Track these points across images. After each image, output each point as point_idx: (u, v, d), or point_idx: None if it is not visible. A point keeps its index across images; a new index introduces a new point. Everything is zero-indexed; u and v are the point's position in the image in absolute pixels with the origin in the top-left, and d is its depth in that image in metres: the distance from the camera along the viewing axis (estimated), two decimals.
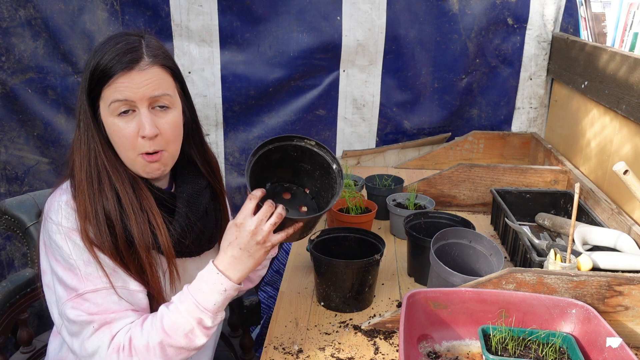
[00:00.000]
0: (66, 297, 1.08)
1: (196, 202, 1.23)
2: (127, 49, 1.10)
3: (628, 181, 1.37)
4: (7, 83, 2.15)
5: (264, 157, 1.21)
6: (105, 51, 1.09)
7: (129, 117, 1.11)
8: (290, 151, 1.27)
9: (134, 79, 1.09)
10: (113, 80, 1.08)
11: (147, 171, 1.16)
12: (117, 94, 1.09)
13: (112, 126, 1.11)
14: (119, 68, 1.08)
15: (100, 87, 1.09)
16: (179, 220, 1.18)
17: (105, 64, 1.08)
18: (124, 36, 1.12)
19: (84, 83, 1.11)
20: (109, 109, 1.10)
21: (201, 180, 1.27)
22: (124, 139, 1.11)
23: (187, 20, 2.23)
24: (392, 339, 1.32)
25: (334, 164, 1.24)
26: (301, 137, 1.26)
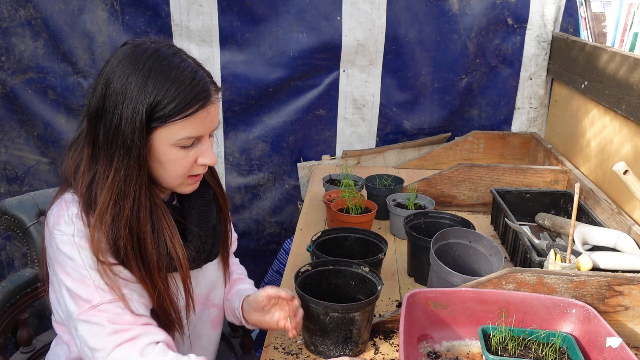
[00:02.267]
0: (79, 311, 1.03)
1: (206, 218, 1.21)
2: (199, 80, 1.06)
3: (628, 181, 1.37)
4: (7, 83, 2.15)
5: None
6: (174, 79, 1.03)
7: (189, 147, 1.09)
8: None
9: (210, 114, 1.09)
10: (191, 116, 1.05)
11: (185, 190, 1.16)
12: (192, 130, 1.06)
13: (170, 155, 1.07)
14: (198, 105, 1.05)
15: (165, 121, 1.03)
16: (192, 242, 1.16)
17: (179, 98, 1.03)
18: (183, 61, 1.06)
19: (138, 116, 1.01)
20: (176, 141, 1.06)
21: (208, 193, 1.25)
22: (182, 167, 1.10)
23: (187, 20, 2.23)
24: (392, 339, 1.32)
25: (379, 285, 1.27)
26: (358, 264, 1.33)
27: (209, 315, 1.34)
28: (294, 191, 2.58)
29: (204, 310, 1.31)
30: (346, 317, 1.18)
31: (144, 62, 1.03)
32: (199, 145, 1.11)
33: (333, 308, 1.17)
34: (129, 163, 1.03)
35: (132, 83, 1.01)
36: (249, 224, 2.59)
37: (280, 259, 2.41)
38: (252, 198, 2.56)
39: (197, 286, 1.24)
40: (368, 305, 1.20)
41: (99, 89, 1.04)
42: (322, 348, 1.22)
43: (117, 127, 1.02)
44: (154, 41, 1.09)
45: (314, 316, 1.20)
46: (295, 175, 2.56)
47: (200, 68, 1.09)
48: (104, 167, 1.05)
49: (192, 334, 1.28)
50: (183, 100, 1.03)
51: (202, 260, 1.20)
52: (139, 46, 1.06)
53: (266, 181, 2.54)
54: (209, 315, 1.34)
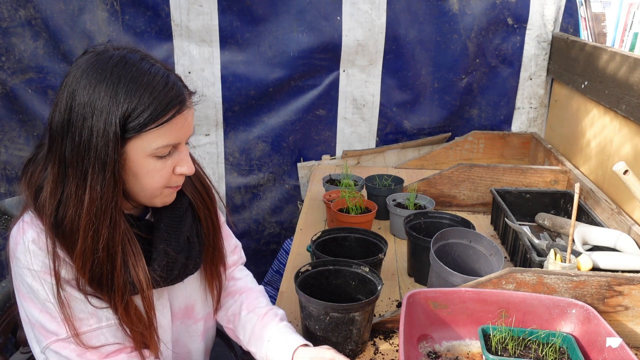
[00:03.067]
0: (47, 341, 1.00)
1: (176, 232, 1.12)
2: (172, 84, 1.01)
3: (628, 181, 1.37)
4: (7, 83, 2.15)
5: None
6: (146, 86, 0.97)
7: (166, 157, 1.03)
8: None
9: (187, 120, 1.04)
10: (167, 123, 0.99)
11: (165, 201, 1.10)
12: (169, 138, 1.01)
13: (146, 166, 1.01)
14: (173, 112, 1.00)
15: (139, 131, 0.97)
16: (157, 260, 1.08)
17: (153, 105, 0.97)
18: (152, 66, 1.01)
19: (111, 127, 0.95)
20: (152, 151, 1.00)
21: (181, 202, 1.15)
22: (160, 178, 1.03)
23: (187, 20, 2.23)
24: (392, 339, 1.32)
25: (379, 285, 1.27)
26: (358, 264, 1.33)
27: (196, 329, 1.28)
28: (294, 191, 2.58)
29: (190, 325, 1.26)
30: (346, 317, 1.18)
31: (110, 70, 0.97)
32: (176, 153, 1.05)
33: (333, 308, 1.17)
34: (105, 179, 0.96)
35: (100, 93, 0.95)
36: (249, 224, 2.59)
37: (280, 259, 2.41)
38: (252, 198, 2.56)
39: (176, 300, 1.20)
40: (368, 305, 1.20)
41: (62, 102, 0.97)
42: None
43: (88, 141, 0.95)
44: (117, 48, 1.02)
45: (314, 316, 1.20)
46: (295, 175, 2.56)
47: (171, 72, 1.04)
48: (76, 186, 0.97)
49: (177, 348, 1.24)
50: (158, 106, 0.98)
51: (175, 277, 1.12)
52: (102, 54, 1.00)
53: (266, 181, 2.54)
54: (196, 330, 1.28)
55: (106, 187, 0.97)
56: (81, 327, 1.00)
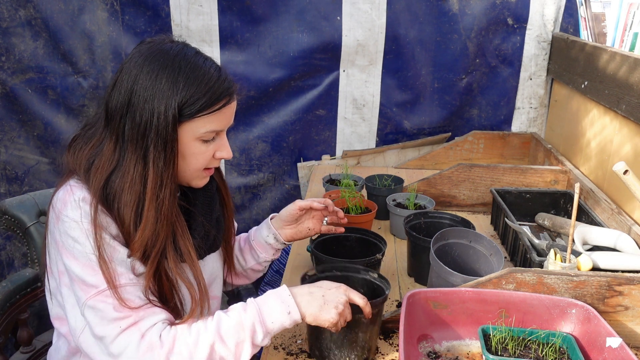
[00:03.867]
0: (86, 296, 1.03)
1: (209, 209, 1.25)
2: (225, 78, 1.14)
3: (628, 181, 1.37)
4: (7, 83, 2.15)
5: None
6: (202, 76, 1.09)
7: (210, 141, 1.14)
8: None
9: (232, 109, 1.16)
10: (218, 111, 1.11)
11: (201, 183, 1.20)
12: (216, 125, 1.12)
13: (194, 148, 1.12)
14: (225, 101, 1.12)
15: (193, 115, 1.09)
16: (197, 230, 1.20)
17: (208, 94, 1.09)
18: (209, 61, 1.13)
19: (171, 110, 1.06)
20: (197, 134, 1.11)
21: (212, 185, 1.28)
22: (203, 160, 1.15)
23: (187, 20, 2.23)
24: (392, 339, 1.32)
25: (387, 290, 1.25)
26: (366, 270, 1.32)
27: (212, 308, 1.33)
28: (294, 191, 2.58)
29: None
30: (352, 321, 1.16)
31: (172, 60, 1.08)
32: (218, 139, 1.17)
33: None
34: (166, 156, 1.07)
35: (162, 79, 1.06)
36: (249, 224, 2.59)
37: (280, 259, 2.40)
38: (252, 198, 2.56)
39: None
40: (374, 307, 1.17)
41: (123, 84, 1.07)
42: (327, 353, 1.20)
43: (149, 121, 1.05)
44: (172, 40, 1.14)
45: None
46: (295, 175, 2.56)
47: (223, 70, 1.16)
48: (135, 162, 1.07)
49: None
50: (213, 95, 1.09)
51: (205, 251, 1.23)
52: (162, 44, 1.11)
53: (266, 181, 2.54)
54: (213, 309, 1.33)
55: (167, 164, 1.08)
56: (120, 279, 1.05)
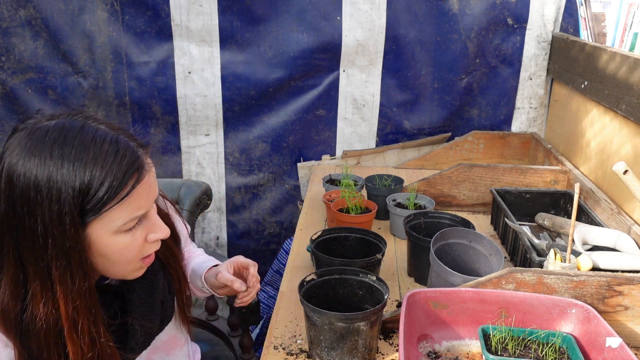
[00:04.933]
0: None
1: (150, 302, 1.03)
2: (127, 150, 0.88)
3: (628, 181, 1.37)
4: (7, 83, 2.16)
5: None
6: (104, 158, 0.85)
7: (135, 227, 0.92)
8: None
9: (146, 185, 0.90)
10: (128, 196, 0.87)
11: (137, 274, 0.98)
12: (133, 210, 0.89)
13: (114, 245, 0.89)
14: (132, 183, 0.87)
15: (101, 209, 0.85)
16: (134, 338, 1.00)
17: (109, 180, 0.84)
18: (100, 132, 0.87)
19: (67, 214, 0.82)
20: (114, 229, 0.88)
21: (152, 266, 1.04)
22: (132, 252, 0.92)
23: (187, 20, 2.23)
24: (392, 339, 1.32)
25: (385, 294, 1.25)
26: (365, 272, 1.31)
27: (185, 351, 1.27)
28: (294, 191, 2.58)
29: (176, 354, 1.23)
30: (351, 327, 1.16)
31: (50, 148, 0.83)
32: (145, 221, 0.94)
33: (337, 318, 1.15)
34: (72, 271, 0.85)
35: (43, 177, 0.81)
36: (249, 224, 2.59)
37: (280, 259, 2.41)
38: (252, 198, 2.56)
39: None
40: (373, 314, 1.17)
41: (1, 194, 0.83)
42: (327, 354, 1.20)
43: (44, 233, 0.82)
44: (51, 117, 0.89)
45: (317, 326, 1.18)
46: (295, 175, 2.56)
47: (120, 132, 0.90)
48: (41, 287, 0.85)
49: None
50: (114, 180, 0.85)
51: (149, 341, 1.06)
52: (36, 129, 0.86)
53: (266, 181, 2.54)
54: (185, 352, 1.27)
55: (76, 279, 0.86)
56: None
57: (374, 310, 1.17)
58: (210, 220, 2.56)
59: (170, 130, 2.38)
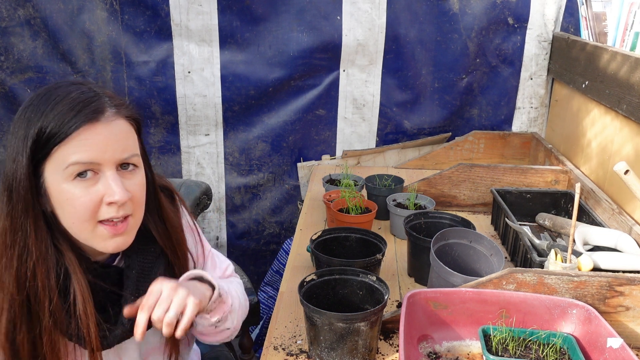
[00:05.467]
0: None
1: (147, 281, 1.00)
2: (86, 98, 0.93)
3: (629, 181, 1.36)
4: (6, 83, 2.15)
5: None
6: (56, 102, 0.91)
7: (88, 180, 0.92)
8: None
9: (100, 134, 0.92)
10: (72, 136, 0.90)
11: (106, 245, 0.97)
12: (79, 154, 0.90)
13: (65, 193, 0.91)
14: (80, 120, 0.90)
15: (50, 148, 0.90)
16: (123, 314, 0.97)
17: (59, 117, 0.90)
18: (73, 85, 0.96)
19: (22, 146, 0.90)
20: (64, 172, 0.91)
21: (154, 247, 1.08)
22: (83, 208, 0.92)
23: (187, 20, 2.22)
24: (392, 339, 1.31)
25: (386, 295, 1.24)
26: (365, 273, 1.31)
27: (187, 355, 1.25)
28: (294, 191, 2.57)
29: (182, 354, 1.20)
30: (351, 328, 1.15)
31: (31, 100, 0.94)
32: (103, 180, 0.94)
33: (337, 318, 1.14)
34: (13, 206, 0.91)
35: (17, 121, 0.93)
36: (248, 224, 2.59)
37: (280, 259, 2.40)
38: (252, 198, 2.55)
39: (138, 345, 1.11)
40: (374, 315, 1.17)
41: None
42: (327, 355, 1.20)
43: (6, 172, 0.92)
44: (58, 81, 0.99)
45: (317, 326, 1.18)
46: (295, 175, 2.55)
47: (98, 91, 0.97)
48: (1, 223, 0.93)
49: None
50: (63, 118, 0.90)
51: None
52: (36, 92, 0.97)
53: (266, 181, 2.53)
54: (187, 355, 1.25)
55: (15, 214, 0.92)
56: None
57: (374, 310, 1.16)
58: (210, 221, 2.56)
59: (170, 130, 2.38)
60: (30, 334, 0.93)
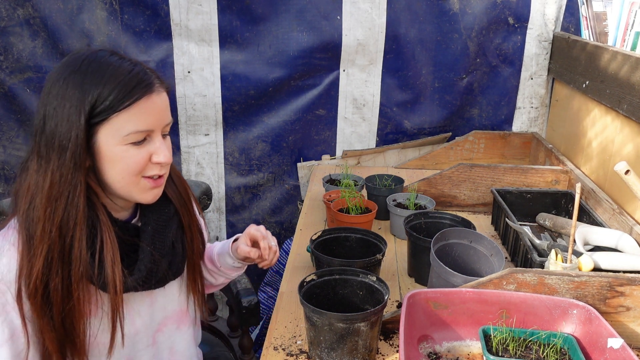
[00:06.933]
0: None
1: (162, 236, 1.14)
2: (139, 71, 1.04)
3: (629, 181, 1.36)
4: (5, 82, 2.15)
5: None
6: (111, 73, 1.01)
7: (141, 144, 1.05)
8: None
9: (154, 104, 1.05)
10: (132, 107, 1.01)
11: (145, 197, 1.10)
12: (139, 124, 1.03)
13: (120, 153, 1.03)
14: (139, 93, 1.02)
15: (108, 115, 1.00)
16: (143, 261, 1.10)
17: (119, 88, 1.00)
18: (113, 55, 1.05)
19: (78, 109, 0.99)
20: (122, 138, 1.02)
21: (168, 208, 1.18)
22: (134, 164, 1.04)
23: (187, 20, 2.22)
24: (392, 339, 1.31)
25: (386, 295, 1.24)
26: (365, 273, 1.31)
27: (188, 333, 1.29)
28: (294, 191, 2.57)
29: (183, 330, 1.28)
30: (351, 328, 1.15)
31: (79, 65, 1.01)
32: (152, 142, 1.07)
33: (336, 318, 1.14)
34: (64, 162, 0.99)
35: (68, 85, 1.00)
36: (248, 224, 2.55)
37: (280, 259, 2.40)
38: (252, 198, 2.55)
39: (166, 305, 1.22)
40: (374, 315, 1.17)
41: (41, 101, 1.02)
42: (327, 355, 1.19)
43: (55, 130, 0.99)
44: (93, 49, 1.07)
45: (318, 327, 1.18)
46: (295, 175, 2.55)
47: (142, 65, 1.08)
48: (42, 174, 1.00)
49: (175, 357, 1.26)
50: (123, 89, 1.00)
51: (157, 281, 1.13)
52: (74, 54, 1.05)
53: (266, 181, 2.53)
54: (189, 334, 1.30)
55: (64, 170, 0.99)
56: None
57: (374, 310, 1.16)
58: (210, 221, 2.55)
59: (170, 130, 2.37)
60: (65, 279, 1.00)
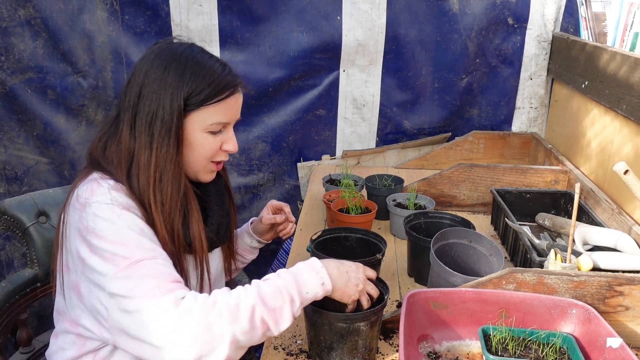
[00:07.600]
0: (117, 269, 1.01)
1: (222, 200, 1.34)
2: (228, 72, 1.21)
3: (629, 181, 1.36)
4: (6, 83, 2.15)
5: None
6: (207, 69, 1.17)
7: (217, 133, 1.21)
8: None
9: (237, 101, 1.23)
10: (222, 102, 1.18)
11: (208, 177, 1.27)
12: (223, 117, 1.20)
13: (200, 139, 1.19)
14: (230, 91, 1.19)
15: (200, 105, 1.16)
16: (214, 217, 1.28)
17: (214, 85, 1.16)
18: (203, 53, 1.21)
19: (177, 96, 1.14)
20: (205, 126, 1.18)
21: (221, 181, 1.37)
22: (209, 150, 1.21)
23: (187, 20, 2.22)
24: (392, 339, 1.31)
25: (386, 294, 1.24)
26: None
27: None
28: (294, 191, 2.57)
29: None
30: (351, 328, 1.15)
31: (179, 56, 1.16)
32: (225, 132, 1.23)
33: (337, 318, 1.14)
34: (169, 143, 1.14)
35: (170, 73, 1.14)
36: None
37: (280, 259, 2.40)
38: (252, 198, 2.55)
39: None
40: (373, 315, 1.17)
41: (135, 80, 1.16)
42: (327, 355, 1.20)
43: (156, 111, 1.13)
44: (181, 41, 1.24)
45: (318, 326, 1.18)
46: (295, 175, 2.55)
47: (229, 66, 1.24)
48: (144, 150, 1.14)
49: None
50: (217, 85, 1.17)
51: (216, 243, 1.30)
52: (172, 44, 1.21)
53: (266, 181, 2.53)
54: None
55: (169, 149, 1.14)
56: (153, 253, 1.08)
57: (374, 310, 1.16)
58: None
59: None
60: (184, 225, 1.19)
